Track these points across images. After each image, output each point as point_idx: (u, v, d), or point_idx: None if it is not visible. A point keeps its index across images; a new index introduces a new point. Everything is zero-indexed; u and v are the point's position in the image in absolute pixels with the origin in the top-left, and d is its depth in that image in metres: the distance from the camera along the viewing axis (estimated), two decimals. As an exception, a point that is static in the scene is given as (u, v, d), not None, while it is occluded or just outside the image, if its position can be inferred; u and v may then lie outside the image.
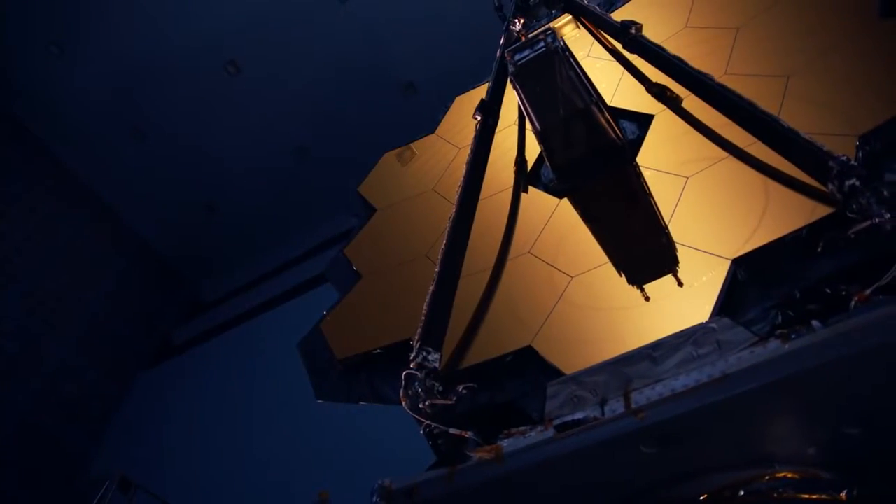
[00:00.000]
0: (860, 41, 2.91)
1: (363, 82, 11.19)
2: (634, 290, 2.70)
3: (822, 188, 2.31)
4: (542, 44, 2.99)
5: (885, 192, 2.01)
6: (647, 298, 2.67)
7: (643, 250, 2.98)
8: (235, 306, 12.26)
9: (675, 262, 2.68)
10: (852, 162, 2.17)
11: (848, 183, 2.11)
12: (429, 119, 5.29)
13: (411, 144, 5.11)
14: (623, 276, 2.82)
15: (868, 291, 1.95)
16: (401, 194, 4.56)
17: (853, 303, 1.98)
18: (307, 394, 3.65)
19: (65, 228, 12.17)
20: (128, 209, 13.16)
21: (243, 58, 11.30)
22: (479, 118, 3.64)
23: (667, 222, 2.86)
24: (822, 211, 2.35)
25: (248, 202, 12.68)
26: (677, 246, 2.69)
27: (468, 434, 2.41)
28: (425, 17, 10.51)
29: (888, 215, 1.98)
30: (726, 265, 2.47)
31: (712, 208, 2.80)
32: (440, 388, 2.55)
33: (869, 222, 2.03)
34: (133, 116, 11.94)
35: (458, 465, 2.28)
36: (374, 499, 2.33)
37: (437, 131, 5.01)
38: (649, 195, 3.09)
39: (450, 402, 2.49)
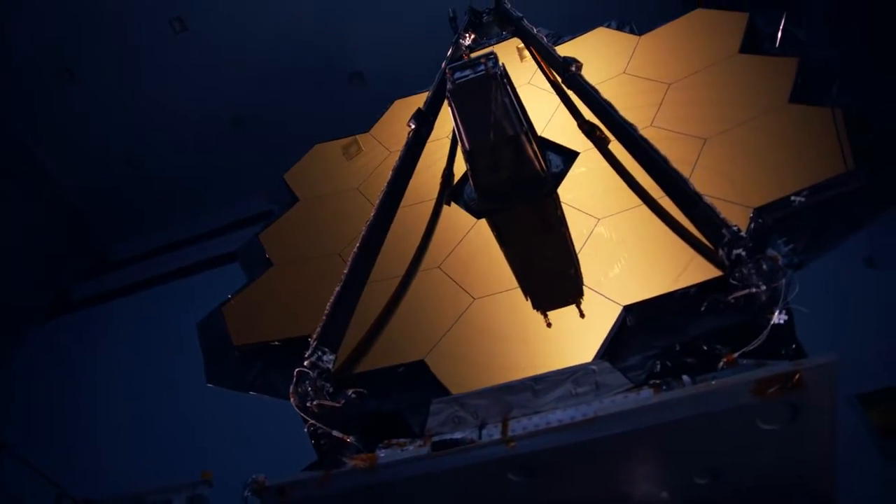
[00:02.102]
0: (770, 119, 3.11)
1: (312, 62, 10.96)
2: (533, 319, 2.79)
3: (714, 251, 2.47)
4: (482, 66, 3.04)
5: (765, 266, 2.17)
6: (548, 324, 2.76)
7: (552, 278, 3.09)
8: (143, 270, 11.68)
9: (580, 293, 2.79)
10: (742, 233, 2.34)
11: (735, 252, 2.28)
12: (370, 115, 5.26)
13: (356, 137, 5.07)
14: (529, 300, 2.91)
15: (736, 355, 2.11)
16: (325, 188, 4.52)
17: (721, 363, 2.13)
18: (201, 374, 3.57)
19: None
20: (45, 150, 12.35)
21: (192, 16, 10.86)
22: (412, 126, 3.67)
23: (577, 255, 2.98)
24: (711, 273, 2.51)
25: (173, 164, 12.14)
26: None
27: (350, 439, 2.44)
28: (387, 11, 10.42)
29: (764, 287, 2.15)
30: (618, 310, 2.59)
31: (615, 253, 2.93)
32: (330, 390, 2.56)
33: (747, 291, 2.19)
34: (64, 55, 11.22)
35: (333, 469, 2.30)
36: (246, 492, 2.32)
37: (371, 131, 5.00)
38: (564, 227, 3.21)
39: (337, 405, 2.51)
